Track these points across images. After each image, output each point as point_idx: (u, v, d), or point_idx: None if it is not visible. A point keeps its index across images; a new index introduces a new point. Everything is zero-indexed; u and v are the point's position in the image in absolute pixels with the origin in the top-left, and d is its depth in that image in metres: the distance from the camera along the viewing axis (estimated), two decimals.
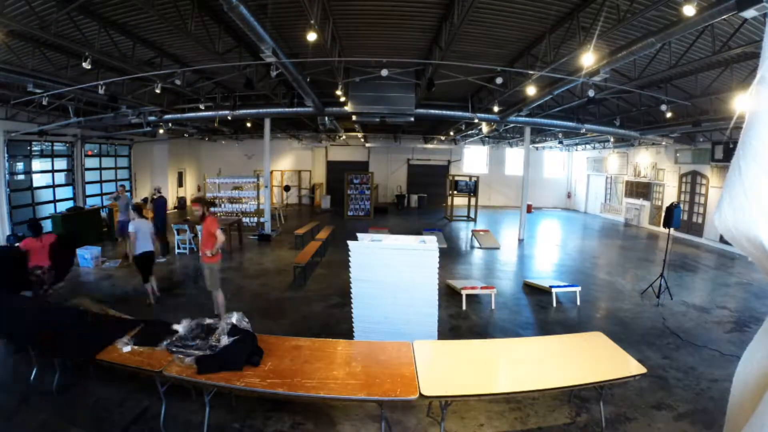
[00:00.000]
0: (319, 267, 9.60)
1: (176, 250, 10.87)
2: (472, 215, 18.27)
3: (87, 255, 9.07)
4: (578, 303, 7.40)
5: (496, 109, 11.15)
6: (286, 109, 12.01)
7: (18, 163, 12.27)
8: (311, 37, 5.99)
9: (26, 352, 4.43)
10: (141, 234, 6.66)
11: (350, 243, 4.69)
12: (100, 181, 15.73)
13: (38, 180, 12.91)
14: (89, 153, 15.02)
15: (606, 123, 13.08)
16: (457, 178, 18.82)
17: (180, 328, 3.67)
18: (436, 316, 4.74)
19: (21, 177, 12.34)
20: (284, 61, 6.86)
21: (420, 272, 4.58)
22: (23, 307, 4.68)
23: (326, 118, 13.05)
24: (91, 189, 15.08)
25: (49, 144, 13.18)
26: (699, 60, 6.96)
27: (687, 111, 10.61)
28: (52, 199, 13.31)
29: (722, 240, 12.53)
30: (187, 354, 3.38)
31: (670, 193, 15.44)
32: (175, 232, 10.81)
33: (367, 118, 12.03)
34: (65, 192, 14.00)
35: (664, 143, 14.74)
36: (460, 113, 12.45)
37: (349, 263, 4.78)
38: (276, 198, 20.09)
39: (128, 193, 12.97)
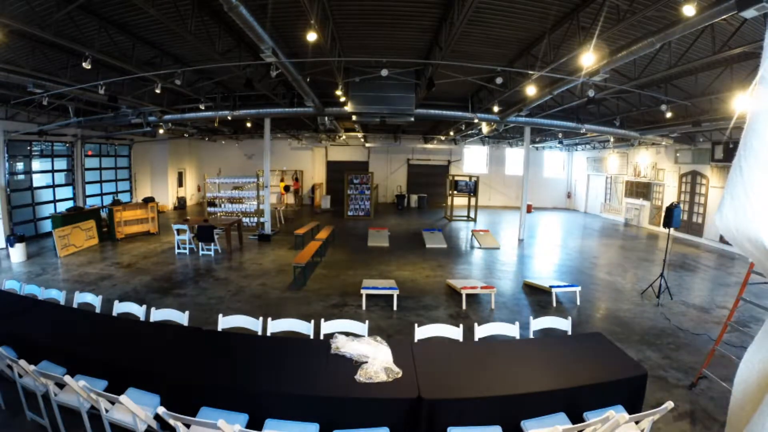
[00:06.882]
0: (319, 267, 9.60)
1: (176, 250, 10.87)
2: (472, 215, 18.26)
3: None
4: (578, 303, 7.40)
5: (496, 109, 11.14)
6: (286, 109, 12.01)
7: (18, 163, 12.28)
8: (311, 37, 5.98)
9: None
10: None
11: None
12: (100, 181, 15.75)
13: (38, 180, 12.91)
14: (89, 153, 15.02)
15: (606, 123, 13.07)
16: (457, 178, 18.81)
17: None
18: None
19: (21, 177, 12.35)
20: (284, 61, 6.86)
21: None
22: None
23: (326, 118, 13.05)
24: (91, 189, 15.09)
25: (49, 144, 13.19)
26: (699, 60, 6.94)
27: (687, 111, 10.61)
28: (52, 199, 13.32)
29: (722, 240, 12.53)
30: None
31: (670, 193, 15.44)
32: (175, 232, 10.80)
33: (367, 118, 12.02)
34: (65, 192, 14.00)
35: (664, 143, 14.74)
36: (460, 113, 12.45)
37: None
38: (276, 197, 20.07)
39: None
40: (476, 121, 12.79)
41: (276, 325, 4.25)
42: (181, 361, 3.44)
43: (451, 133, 19.58)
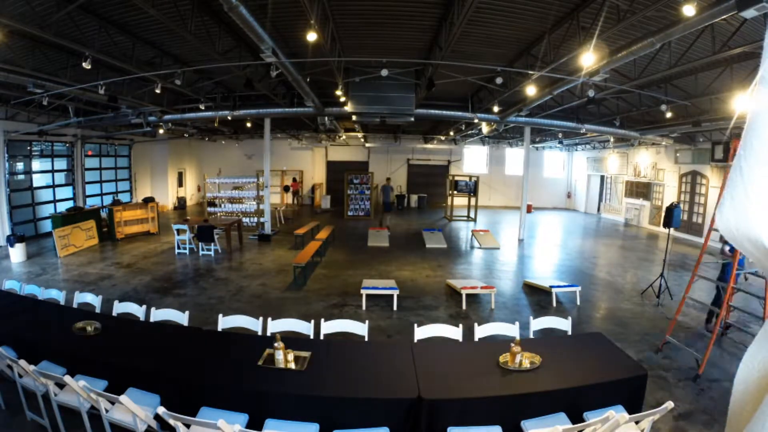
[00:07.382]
0: (319, 267, 9.60)
1: (176, 250, 10.87)
2: (472, 215, 18.26)
3: None
4: (578, 303, 7.40)
5: (496, 109, 11.14)
6: (286, 109, 12.01)
7: (18, 163, 12.28)
8: (311, 37, 5.98)
9: None
10: None
11: None
12: (100, 181, 15.75)
13: (38, 180, 12.91)
14: (89, 153, 15.02)
15: (606, 123, 13.06)
16: (457, 178, 18.81)
17: None
18: None
19: (21, 177, 12.35)
20: (284, 61, 6.86)
21: None
22: None
23: (326, 118, 13.04)
24: (91, 189, 15.09)
25: (49, 144, 13.18)
26: (699, 60, 6.94)
27: (687, 111, 10.61)
28: (52, 199, 13.32)
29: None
30: None
31: (670, 193, 15.43)
32: (175, 232, 10.80)
33: (367, 118, 12.02)
34: (65, 192, 14.00)
35: (664, 143, 14.74)
36: (460, 113, 12.44)
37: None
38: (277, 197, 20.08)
39: None
40: (476, 121, 12.79)
41: (276, 325, 4.25)
42: (181, 361, 3.44)
43: (451, 133, 19.57)
